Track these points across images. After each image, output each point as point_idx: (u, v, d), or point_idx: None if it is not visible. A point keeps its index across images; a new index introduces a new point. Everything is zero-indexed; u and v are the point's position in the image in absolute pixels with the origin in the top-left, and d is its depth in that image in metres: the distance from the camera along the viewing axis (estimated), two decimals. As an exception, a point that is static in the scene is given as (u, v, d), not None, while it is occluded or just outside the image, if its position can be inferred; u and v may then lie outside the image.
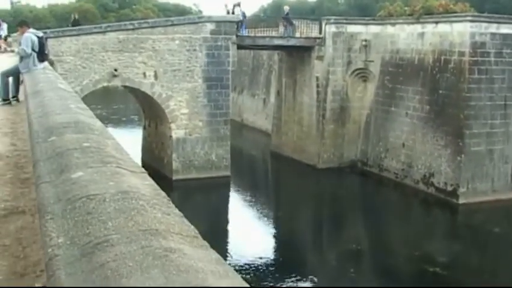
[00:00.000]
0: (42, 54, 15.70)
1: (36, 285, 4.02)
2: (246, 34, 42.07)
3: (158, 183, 4.12)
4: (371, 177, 39.84)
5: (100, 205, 3.28)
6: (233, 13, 41.92)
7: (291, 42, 41.92)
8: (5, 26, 36.43)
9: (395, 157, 38.24)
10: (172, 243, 2.79)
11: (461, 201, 33.61)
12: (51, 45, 32.85)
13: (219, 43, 37.54)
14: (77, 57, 34.94)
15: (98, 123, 6.48)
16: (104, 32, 35.58)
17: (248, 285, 2.52)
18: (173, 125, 37.27)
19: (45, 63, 16.37)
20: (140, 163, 39.50)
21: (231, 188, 38.59)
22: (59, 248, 2.86)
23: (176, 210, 3.48)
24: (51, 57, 29.50)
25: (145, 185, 3.88)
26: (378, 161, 39.79)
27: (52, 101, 8.31)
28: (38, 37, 15.68)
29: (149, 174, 4.34)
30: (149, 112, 41.20)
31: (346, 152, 41.75)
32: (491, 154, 34.41)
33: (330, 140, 41.46)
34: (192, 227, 3.24)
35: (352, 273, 25.75)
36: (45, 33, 20.77)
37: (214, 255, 2.84)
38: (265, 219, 33.47)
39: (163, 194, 3.82)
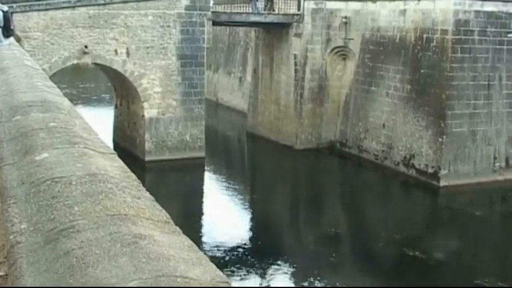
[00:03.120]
0: (7, 30, 15.49)
1: (-1, 273, 3.93)
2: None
3: (130, 165, 4.06)
4: (350, 158, 39.94)
5: (66, 188, 3.21)
6: None
7: (269, 18, 41.81)
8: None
9: (375, 138, 38.34)
10: (142, 229, 2.73)
11: (443, 183, 33.77)
12: (18, 20, 32.40)
13: (194, 19, 37.30)
14: (46, 33, 34.55)
15: (66, 102, 6.39)
16: (73, 7, 35.15)
17: (222, 274, 2.47)
18: (145, 104, 37.05)
19: (11, 39, 16.16)
20: (111, 143, 39.41)
21: (206, 170, 38.52)
22: (21, 234, 2.79)
23: (147, 194, 3.43)
24: (17, 33, 29.17)
25: (114, 166, 3.82)
26: (357, 142, 39.86)
27: (18, 79, 8.19)
28: (2, 11, 15.47)
29: (121, 155, 4.28)
30: (121, 91, 40.96)
31: (324, 132, 41.76)
32: (473, 135, 34.58)
33: (308, 120, 41.44)
34: (164, 211, 3.19)
35: (331, 258, 25.82)
36: (10, 7, 20.51)
37: (186, 241, 2.79)
38: (241, 202, 33.48)
39: (134, 176, 3.77)
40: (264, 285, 23.52)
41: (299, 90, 41.31)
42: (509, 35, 35.11)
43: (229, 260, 25.29)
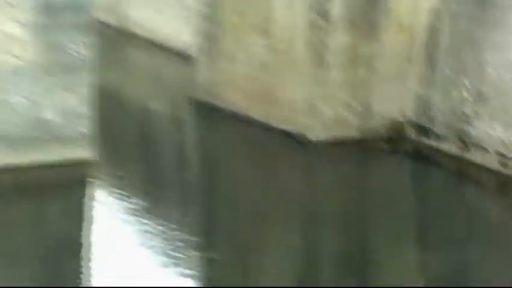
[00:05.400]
0: None
1: None
2: None
3: None
4: (440, 163, 40.00)
5: None
6: None
7: None
8: None
9: (501, 116, 37.86)
10: None
11: None
12: None
13: None
14: None
15: None
16: None
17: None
18: None
19: None
20: None
21: (98, 193, 37.91)
22: None
23: None
24: None
25: None
26: (458, 126, 39.47)
27: None
28: None
29: None
30: None
31: (378, 101, 41.49)
32: None
33: (342, 73, 40.93)
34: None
35: None
36: None
37: None
38: (180, 266, 32.59)
39: None
40: None
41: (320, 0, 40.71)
42: None
43: None
